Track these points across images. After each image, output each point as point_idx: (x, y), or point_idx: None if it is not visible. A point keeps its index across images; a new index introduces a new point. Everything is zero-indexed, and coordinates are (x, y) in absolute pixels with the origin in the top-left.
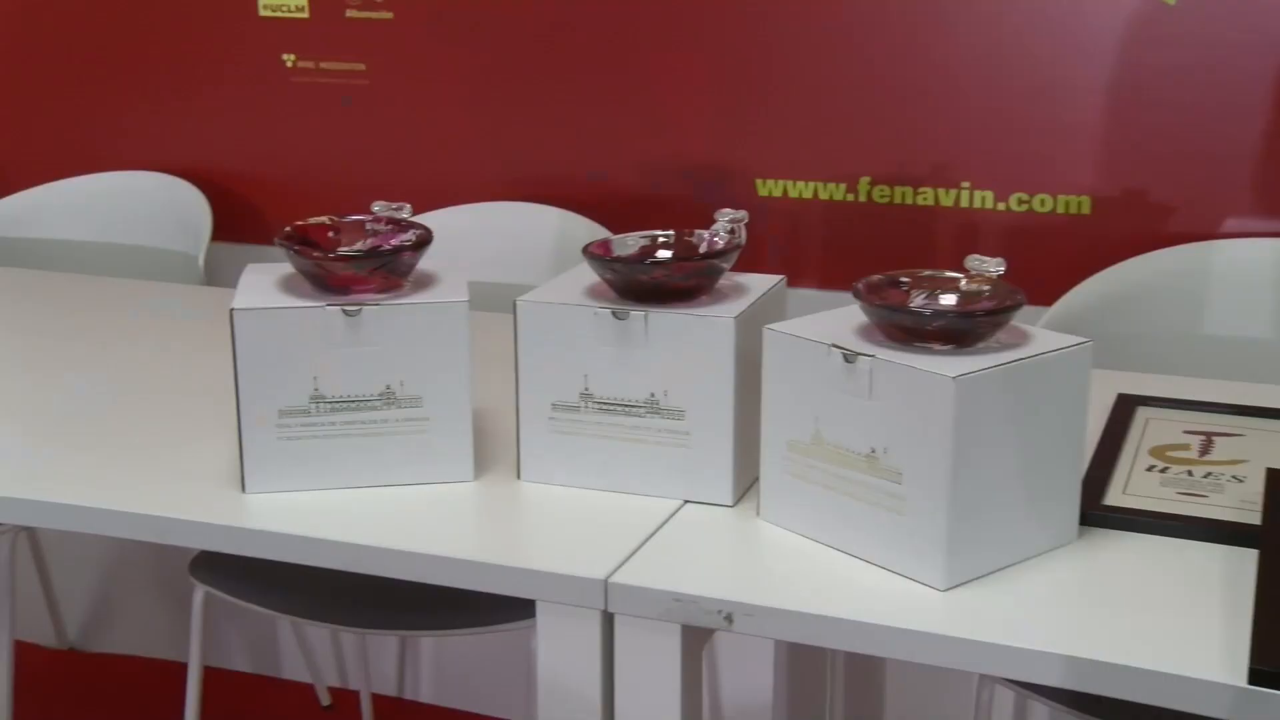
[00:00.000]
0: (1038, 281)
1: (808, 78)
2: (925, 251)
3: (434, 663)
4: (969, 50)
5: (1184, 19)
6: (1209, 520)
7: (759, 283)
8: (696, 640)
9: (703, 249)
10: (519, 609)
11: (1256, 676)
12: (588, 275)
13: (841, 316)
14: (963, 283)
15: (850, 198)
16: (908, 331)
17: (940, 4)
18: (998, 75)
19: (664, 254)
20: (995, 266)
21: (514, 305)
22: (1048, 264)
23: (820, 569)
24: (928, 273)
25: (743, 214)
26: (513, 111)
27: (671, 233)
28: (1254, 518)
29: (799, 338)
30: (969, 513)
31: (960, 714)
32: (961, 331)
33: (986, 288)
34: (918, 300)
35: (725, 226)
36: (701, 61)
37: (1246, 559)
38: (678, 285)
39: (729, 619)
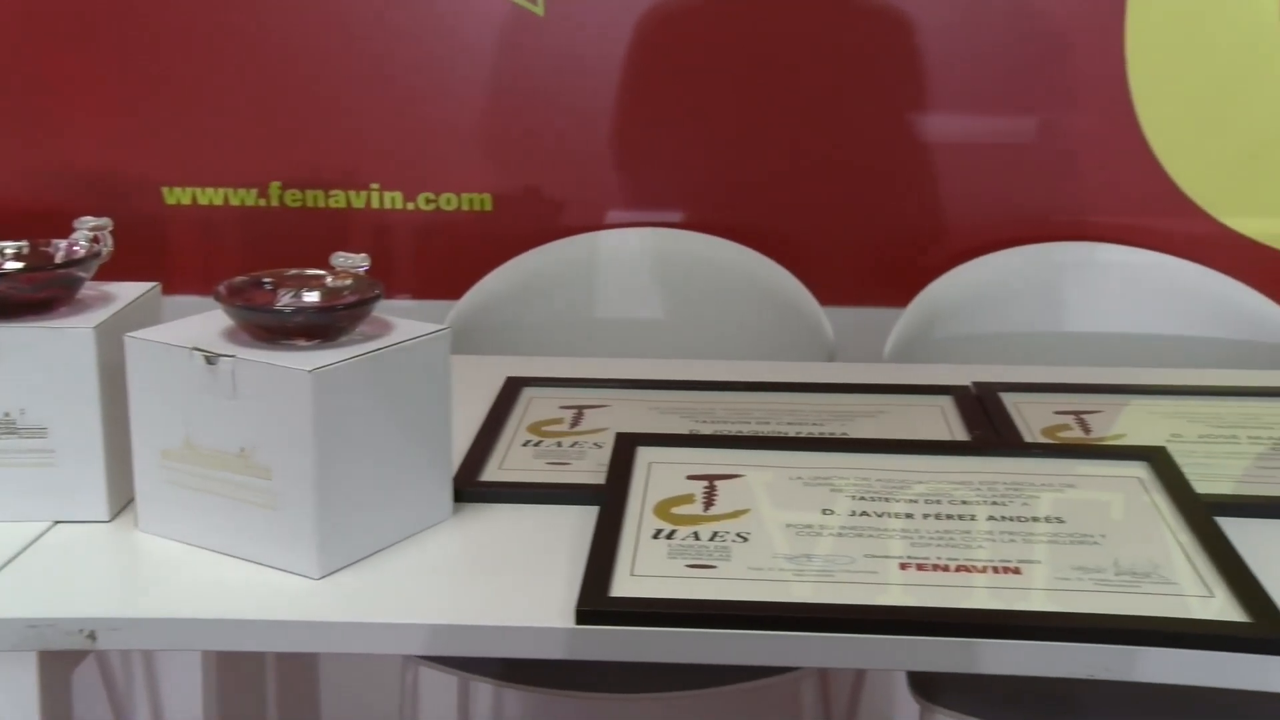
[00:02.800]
0: (448, 276)
1: (211, 82)
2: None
3: None
4: (365, 55)
5: (554, 28)
6: (568, 485)
7: (128, 291)
8: (63, 666)
9: (59, 259)
10: None
11: (581, 616)
12: None
13: (209, 320)
14: (328, 280)
15: (262, 202)
16: (271, 330)
17: (330, 7)
18: (394, 79)
19: (13, 265)
20: (361, 262)
21: None
22: (457, 259)
23: (197, 573)
24: (293, 271)
25: (105, 221)
26: None
27: (25, 243)
28: (604, 478)
29: (161, 343)
30: (338, 501)
31: (394, 700)
32: (322, 326)
33: (349, 282)
34: (284, 299)
35: (86, 235)
36: (96, 64)
37: (594, 516)
38: (28, 298)
39: (92, 637)
